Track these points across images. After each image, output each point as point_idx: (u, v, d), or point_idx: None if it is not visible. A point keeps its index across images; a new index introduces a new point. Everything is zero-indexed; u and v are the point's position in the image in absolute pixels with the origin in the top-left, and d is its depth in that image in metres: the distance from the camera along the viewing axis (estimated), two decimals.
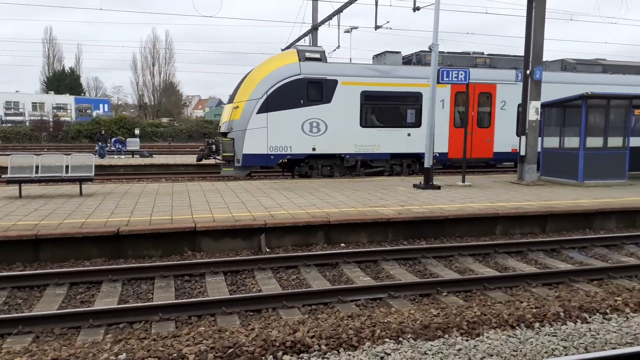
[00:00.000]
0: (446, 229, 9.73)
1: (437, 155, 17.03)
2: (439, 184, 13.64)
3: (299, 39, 27.08)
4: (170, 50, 65.50)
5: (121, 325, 5.63)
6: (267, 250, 8.64)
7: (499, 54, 18.42)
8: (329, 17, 23.58)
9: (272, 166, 16.69)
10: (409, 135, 16.78)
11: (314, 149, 16.08)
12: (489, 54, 18.36)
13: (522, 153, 14.75)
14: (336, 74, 16.10)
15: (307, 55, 16.08)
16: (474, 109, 17.47)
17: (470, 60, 17.88)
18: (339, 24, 22.77)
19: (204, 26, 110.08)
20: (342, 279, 7.40)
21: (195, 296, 6.68)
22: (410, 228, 9.55)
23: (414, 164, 17.49)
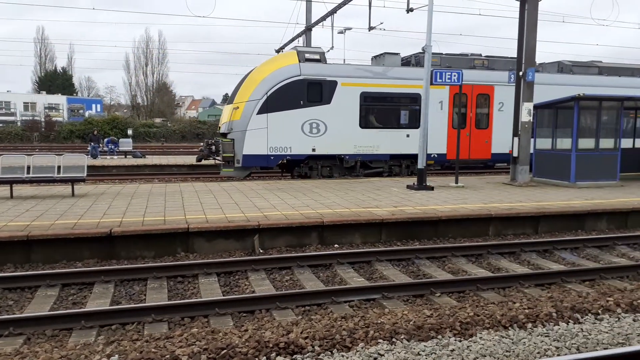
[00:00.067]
0: (439, 229, 9.76)
1: (435, 156, 17.20)
2: (432, 184, 13.69)
3: (292, 40, 27.06)
4: (164, 50, 65.42)
5: (113, 327, 5.60)
6: (261, 251, 8.63)
7: (497, 56, 18.53)
8: (323, 18, 23.57)
9: (272, 167, 16.72)
10: (407, 136, 16.86)
11: (313, 149, 16.12)
12: (487, 56, 18.46)
13: (515, 154, 14.84)
14: (336, 75, 16.16)
15: (307, 56, 16.13)
16: (472, 110, 17.62)
17: (469, 62, 17.99)
18: (332, 24, 22.79)
19: (198, 26, 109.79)
20: (335, 280, 7.40)
21: (188, 297, 6.65)
22: (404, 229, 9.57)
23: (412, 165, 17.49)
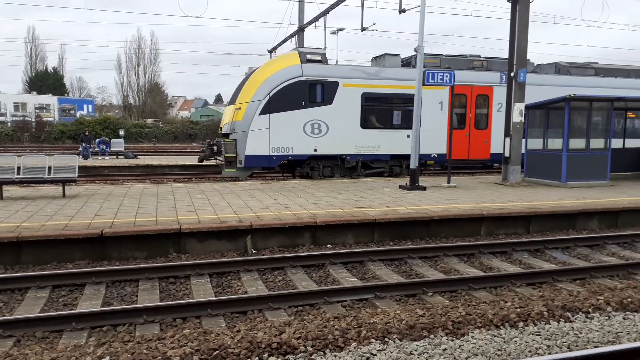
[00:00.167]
0: (432, 229, 9.78)
1: (435, 156, 17.36)
2: (424, 185, 13.72)
3: (285, 40, 27.05)
4: (156, 50, 65.27)
5: (105, 328, 5.56)
6: (253, 251, 8.61)
7: (495, 57, 18.65)
8: (316, 19, 23.59)
9: (274, 167, 16.79)
10: (408, 136, 16.87)
11: (315, 150, 16.19)
12: (486, 57, 18.58)
13: (507, 154, 14.92)
14: (337, 76, 16.24)
15: (308, 57, 16.20)
16: (471, 110, 17.78)
17: (468, 63, 18.14)
18: (325, 25, 22.81)
19: (190, 27, 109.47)
20: (328, 280, 7.40)
21: (180, 298, 6.63)
22: (396, 229, 9.59)
23: None
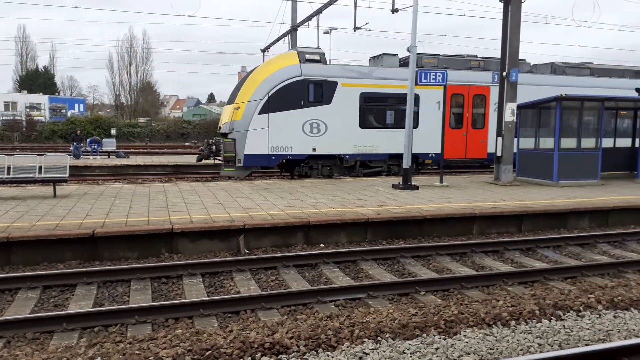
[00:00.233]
0: (424, 228, 9.81)
1: (433, 155, 17.46)
2: (417, 184, 13.76)
3: (278, 40, 27.01)
4: (148, 49, 64.73)
5: (96, 329, 5.52)
6: (246, 251, 8.59)
7: (493, 57, 18.74)
8: (309, 18, 23.57)
9: (273, 166, 16.80)
10: None
11: (314, 149, 16.21)
12: (483, 57, 18.66)
13: (499, 154, 14.99)
14: (336, 76, 16.28)
15: (307, 56, 16.21)
16: (468, 110, 17.88)
17: (465, 63, 18.24)
18: (318, 24, 22.80)
19: (182, 25, 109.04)
20: (321, 280, 7.40)
21: (172, 298, 6.59)
22: (389, 228, 9.60)
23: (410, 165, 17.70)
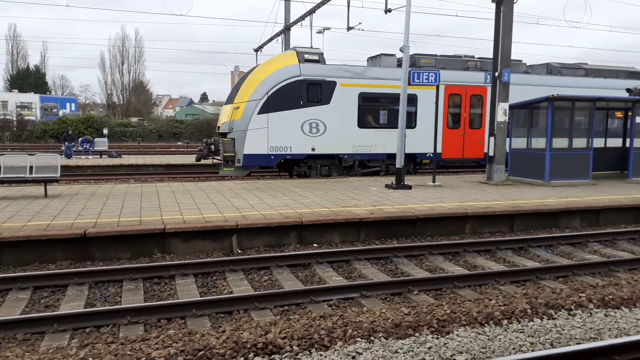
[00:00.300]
0: (417, 228, 9.83)
1: (430, 155, 17.46)
2: (410, 184, 13.79)
3: (271, 39, 26.97)
4: (140, 48, 64.40)
5: (88, 330, 5.49)
6: (239, 251, 8.57)
7: (489, 58, 18.82)
8: (302, 18, 23.55)
9: (273, 166, 16.81)
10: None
11: (313, 149, 16.24)
12: (480, 58, 18.76)
13: (491, 154, 15.05)
14: (335, 76, 16.31)
15: (306, 56, 16.24)
16: (466, 110, 18.02)
17: (462, 64, 18.36)
18: (311, 24, 22.78)
19: (175, 25, 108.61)
20: (314, 279, 7.39)
21: (164, 299, 6.57)
22: (382, 228, 9.62)
23: (408, 164, 17.84)
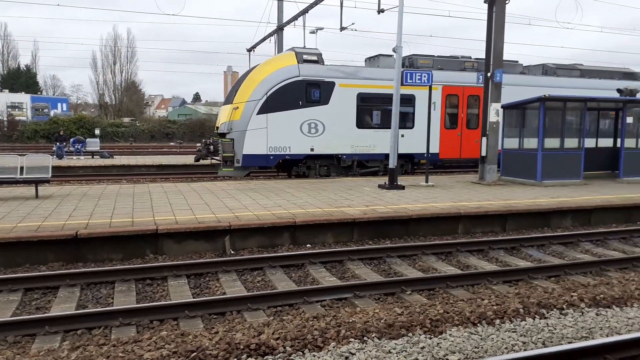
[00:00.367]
0: (410, 228, 9.85)
1: (428, 155, 17.61)
2: (403, 184, 13.82)
3: (264, 39, 26.94)
4: (132, 48, 64.10)
5: (79, 332, 5.44)
6: (232, 252, 8.54)
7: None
8: (295, 18, 23.54)
9: (272, 166, 16.84)
10: (402, 136, 17.11)
11: (312, 149, 16.29)
12: (477, 58, 18.88)
13: (483, 154, 15.11)
14: (333, 76, 16.38)
15: (305, 57, 16.30)
16: (463, 111, 18.18)
17: (460, 64, 18.53)
18: (304, 24, 22.77)
19: (168, 25, 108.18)
20: (307, 280, 7.38)
21: (157, 300, 6.53)
22: (375, 228, 9.63)
23: (406, 164, 17.97)
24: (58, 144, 25.06)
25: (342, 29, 21.12)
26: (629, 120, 16.38)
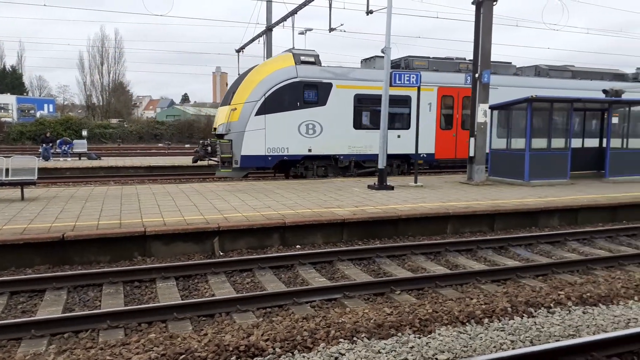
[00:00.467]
0: (399, 228, 9.88)
1: (424, 155, 17.94)
2: (392, 184, 13.86)
3: (253, 40, 26.88)
4: (120, 49, 63.62)
5: (66, 335, 5.38)
6: (221, 253, 8.50)
7: None
8: (284, 19, 23.54)
9: (270, 167, 16.85)
10: (398, 136, 17.29)
11: (309, 150, 16.37)
12: (471, 59, 18.94)
13: (472, 154, 15.21)
14: (331, 78, 16.48)
15: (302, 58, 16.36)
16: (458, 111, 18.41)
17: (454, 66, 18.73)
18: (293, 25, 22.78)
19: (156, 25, 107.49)
20: (297, 281, 7.37)
21: (145, 302, 6.48)
22: (365, 228, 9.64)
23: (402, 164, 18.15)
24: (44, 145, 24.80)
25: (331, 30, 21.15)
26: (615, 120, 16.60)
